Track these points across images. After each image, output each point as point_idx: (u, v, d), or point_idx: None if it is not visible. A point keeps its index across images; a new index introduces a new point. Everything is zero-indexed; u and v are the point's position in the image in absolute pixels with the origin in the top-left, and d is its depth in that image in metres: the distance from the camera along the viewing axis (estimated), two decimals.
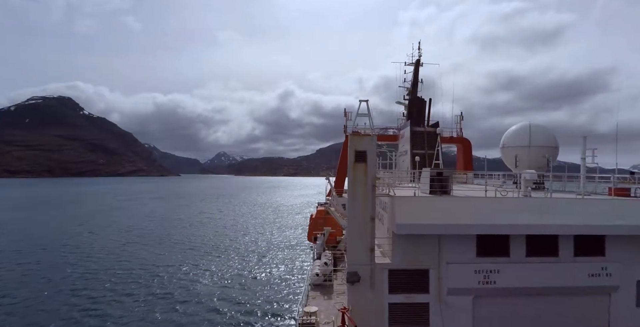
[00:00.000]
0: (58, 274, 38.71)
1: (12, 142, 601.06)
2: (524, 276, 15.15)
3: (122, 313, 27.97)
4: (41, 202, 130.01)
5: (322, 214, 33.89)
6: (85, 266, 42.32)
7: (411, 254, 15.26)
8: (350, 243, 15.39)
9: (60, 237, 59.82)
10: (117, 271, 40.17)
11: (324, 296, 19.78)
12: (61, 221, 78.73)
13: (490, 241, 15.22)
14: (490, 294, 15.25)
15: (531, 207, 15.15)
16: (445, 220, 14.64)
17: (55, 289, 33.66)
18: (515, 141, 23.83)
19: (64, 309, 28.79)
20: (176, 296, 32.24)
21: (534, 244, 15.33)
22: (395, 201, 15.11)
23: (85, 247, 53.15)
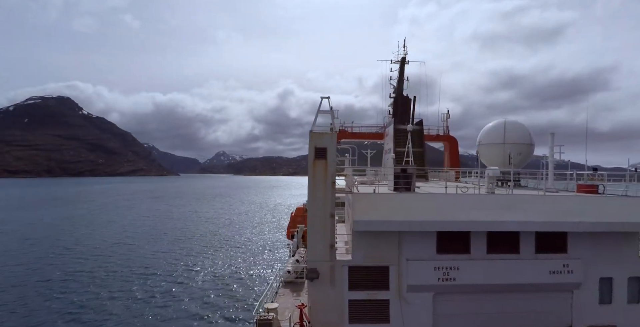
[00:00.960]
0: (46, 274, 38.68)
1: (11, 142, 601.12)
2: (485, 273, 15.07)
3: (93, 313, 27.95)
4: (37, 201, 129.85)
5: (301, 211, 33.86)
6: (71, 265, 42.32)
7: (371, 251, 15.17)
8: (311, 240, 15.32)
9: (49, 237, 59.73)
10: (99, 270, 40.22)
11: (293, 293, 19.70)
12: (53, 221, 78.69)
13: (451, 238, 15.14)
14: (450, 291, 15.17)
15: (492, 204, 15.06)
16: (405, 217, 14.56)
17: (43, 289, 33.60)
18: (490, 138, 23.74)
19: (49, 308, 28.79)
20: (154, 294, 32.37)
21: (495, 241, 15.25)
22: (354, 198, 15.02)
23: (73, 246, 53.08)
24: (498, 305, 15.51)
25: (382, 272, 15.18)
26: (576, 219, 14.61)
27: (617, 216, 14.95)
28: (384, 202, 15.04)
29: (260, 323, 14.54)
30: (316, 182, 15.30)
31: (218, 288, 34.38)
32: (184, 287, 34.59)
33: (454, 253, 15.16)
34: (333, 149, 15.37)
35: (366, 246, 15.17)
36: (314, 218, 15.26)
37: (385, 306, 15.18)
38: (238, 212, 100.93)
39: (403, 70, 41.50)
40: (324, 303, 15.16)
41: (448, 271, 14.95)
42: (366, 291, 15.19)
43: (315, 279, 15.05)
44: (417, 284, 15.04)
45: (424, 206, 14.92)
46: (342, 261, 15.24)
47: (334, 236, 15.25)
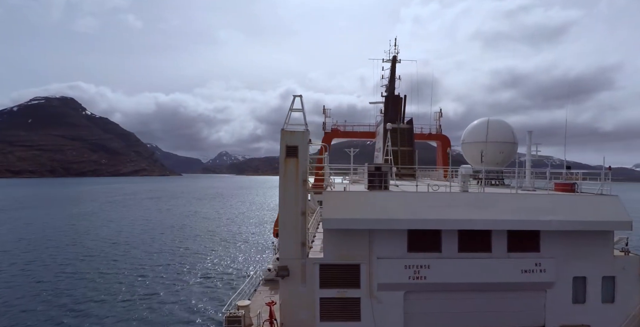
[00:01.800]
0: (37, 274, 38.74)
1: (14, 142, 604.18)
2: (456, 271, 15.01)
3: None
4: (37, 201, 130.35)
5: None
6: (58, 264, 42.38)
7: (342, 249, 15.15)
8: (282, 237, 15.30)
9: (44, 237, 59.85)
10: (83, 269, 40.36)
11: (271, 291, 19.68)
12: (50, 221, 78.76)
13: (422, 236, 15.10)
14: (421, 290, 15.13)
15: (463, 202, 15.03)
16: (376, 215, 14.54)
17: (32, 289, 33.66)
18: (473, 137, 23.67)
19: (44, 308, 28.81)
20: (139, 292, 32.50)
21: (466, 239, 15.19)
22: (325, 196, 15.01)
23: (64, 246, 53.08)
24: (470, 304, 15.45)
25: (353, 270, 15.15)
26: (547, 217, 14.54)
27: (590, 215, 14.87)
28: (355, 200, 15.03)
29: (229, 320, 14.55)
30: (287, 181, 15.29)
31: (202, 287, 34.50)
32: (167, 286, 34.72)
33: (424, 251, 15.11)
34: (305, 147, 15.35)
35: (337, 244, 15.15)
36: (286, 216, 15.24)
37: (357, 304, 15.15)
38: (237, 213, 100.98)
39: (394, 69, 41.47)
40: (296, 301, 15.15)
41: (419, 270, 14.90)
42: (337, 289, 15.17)
43: (286, 276, 15.05)
44: (387, 283, 15.00)
45: (395, 204, 14.90)
46: (314, 259, 15.22)
47: (305, 234, 15.24)
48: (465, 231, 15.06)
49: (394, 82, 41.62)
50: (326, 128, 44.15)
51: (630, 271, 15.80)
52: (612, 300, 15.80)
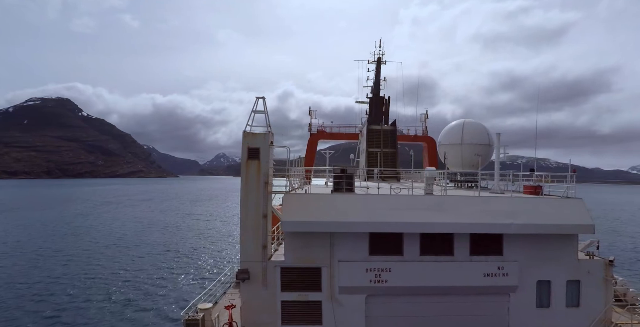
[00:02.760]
0: (19, 277, 38.44)
1: (10, 143, 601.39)
2: (418, 275, 14.85)
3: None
4: (26, 203, 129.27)
5: None
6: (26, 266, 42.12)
7: (304, 252, 14.99)
8: (243, 240, 15.11)
9: (24, 240, 59.19)
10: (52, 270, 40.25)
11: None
12: (31, 224, 77.24)
13: (384, 239, 14.94)
14: (383, 293, 14.97)
15: (425, 205, 14.90)
16: (336, 218, 14.39)
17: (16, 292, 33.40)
18: (449, 139, 23.57)
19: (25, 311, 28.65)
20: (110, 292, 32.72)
21: (428, 242, 15.03)
22: (285, 199, 14.85)
23: (42, 250, 52.37)
24: (433, 308, 15.28)
25: (315, 273, 14.99)
26: (508, 220, 14.40)
27: (552, 218, 14.75)
28: (316, 203, 14.87)
29: (188, 323, 14.35)
30: (249, 183, 15.13)
31: (175, 289, 34.49)
32: (138, 287, 34.84)
33: (386, 255, 14.96)
34: (266, 149, 15.19)
35: (298, 247, 14.99)
36: (247, 218, 15.06)
37: (318, 308, 14.99)
38: (230, 215, 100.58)
39: (379, 70, 41.45)
40: (257, 304, 14.97)
41: (380, 273, 14.74)
42: (298, 292, 15.00)
43: (246, 279, 14.87)
44: (348, 286, 14.84)
45: (357, 206, 14.75)
46: (275, 262, 15.05)
47: (266, 237, 15.06)
48: (427, 234, 14.91)
49: (379, 83, 41.64)
50: (312, 130, 44.12)
51: (596, 275, 15.63)
52: (577, 304, 15.61)
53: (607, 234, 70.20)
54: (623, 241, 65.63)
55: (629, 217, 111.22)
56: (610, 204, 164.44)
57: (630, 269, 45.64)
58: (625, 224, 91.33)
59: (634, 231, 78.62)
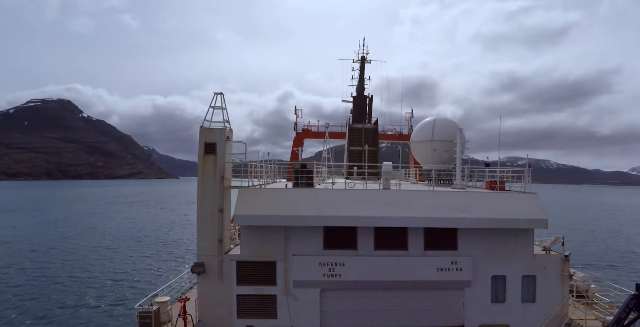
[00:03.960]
0: None
1: (10, 144, 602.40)
2: (371, 269, 14.91)
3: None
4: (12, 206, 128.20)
5: None
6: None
7: (259, 246, 15.09)
8: (199, 234, 15.20)
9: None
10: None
11: None
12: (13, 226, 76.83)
13: (338, 234, 15.05)
14: (337, 288, 15.04)
15: (379, 200, 14.98)
16: (290, 211, 14.48)
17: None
18: (420, 136, 23.67)
19: None
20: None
21: (382, 237, 15.12)
22: (239, 193, 14.96)
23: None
24: (388, 302, 15.32)
25: (270, 267, 15.08)
26: (461, 215, 14.47)
27: (505, 212, 14.81)
28: (270, 197, 14.98)
29: (141, 315, 14.39)
30: (205, 177, 15.24)
31: (144, 285, 34.61)
32: (102, 283, 35.38)
33: (340, 249, 15.04)
34: (223, 144, 15.30)
35: (254, 241, 15.09)
36: (203, 213, 15.16)
37: (273, 301, 15.07)
38: None
39: (363, 69, 41.57)
40: (213, 297, 15.07)
41: (333, 267, 14.82)
42: (254, 286, 15.09)
43: (202, 273, 14.96)
44: (302, 280, 14.92)
45: (311, 201, 14.85)
46: (231, 256, 15.15)
47: (222, 231, 15.16)
48: (381, 229, 14.99)
49: (363, 82, 41.74)
50: (297, 129, 44.23)
51: (552, 270, 15.63)
52: (532, 299, 15.59)
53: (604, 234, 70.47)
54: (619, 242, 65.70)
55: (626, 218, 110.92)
56: (610, 206, 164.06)
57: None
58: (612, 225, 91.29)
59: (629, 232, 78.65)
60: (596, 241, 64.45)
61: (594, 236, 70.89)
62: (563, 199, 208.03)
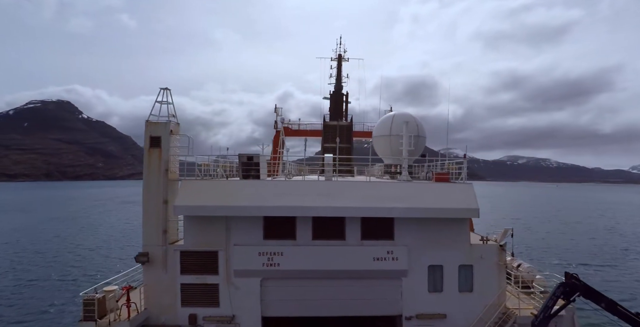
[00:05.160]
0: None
1: (10, 146, 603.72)
2: (310, 258, 15.31)
3: None
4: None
5: None
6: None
7: (202, 236, 15.54)
8: (145, 225, 15.65)
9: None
10: None
11: None
12: None
13: (278, 224, 15.47)
14: (276, 277, 15.45)
15: (318, 190, 15.38)
16: (230, 202, 14.90)
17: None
18: (380, 131, 24.08)
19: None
20: None
21: (320, 227, 15.51)
22: (182, 184, 15.39)
23: None
24: (327, 291, 15.66)
25: (212, 257, 15.52)
26: (394, 204, 14.81)
27: (439, 202, 15.16)
28: (212, 188, 15.42)
29: (86, 302, 14.75)
30: (150, 170, 15.72)
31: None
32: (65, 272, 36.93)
33: (279, 239, 15.45)
34: (167, 138, 15.76)
35: (197, 231, 15.53)
36: (148, 204, 15.62)
37: (215, 290, 15.51)
38: None
39: (340, 67, 42.01)
40: (158, 286, 15.53)
41: (272, 257, 15.22)
42: (197, 275, 15.52)
43: (146, 262, 15.41)
44: (243, 269, 15.35)
45: (251, 192, 15.27)
46: (174, 246, 15.59)
47: (167, 222, 15.59)
48: (319, 219, 15.39)
49: (341, 79, 42.17)
50: (277, 127, 44.70)
51: (489, 260, 15.87)
52: (470, 289, 15.81)
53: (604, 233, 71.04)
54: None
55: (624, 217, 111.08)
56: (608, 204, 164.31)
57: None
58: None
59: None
60: (581, 239, 64.95)
61: (589, 234, 71.24)
62: (562, 198, 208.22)
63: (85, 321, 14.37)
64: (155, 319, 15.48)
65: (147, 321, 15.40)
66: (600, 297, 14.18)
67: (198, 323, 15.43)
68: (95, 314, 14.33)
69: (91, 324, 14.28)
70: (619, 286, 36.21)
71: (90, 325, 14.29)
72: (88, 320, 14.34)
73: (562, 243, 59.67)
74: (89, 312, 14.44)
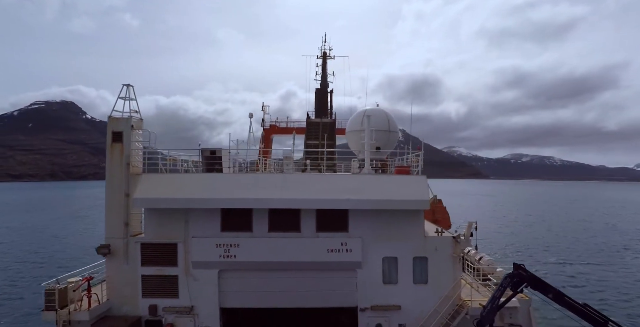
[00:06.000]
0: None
1: (15, 146, 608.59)
2: (265, 250, 15.59)
3: None
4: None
5: None
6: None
7: (162, 229, 15.91)
8: (107, 218, 16.03)
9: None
10: None
11: None
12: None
13: (235, 216, 15.80)
14: (234, 268, 15.77)
15: (274, 183, 15.69)
16: (187, 194, 15.26)
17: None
18: (352, 126, 24.37)
19: None
20: None
21: (276, 219, 15.80)
22: (141, 178, 15.77)
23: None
24: (283, 283, 15.92)
25: (171, 249, 15.87)
26: (346, 196, 15.06)
27: (392, 194, 15.38)
28: (171, 181, 15.79)
29: (48, 293, 15.12)
30: (113, 164, 16.08)
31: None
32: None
33: (236, 231, 15.77)
34: (129, 133, 16.12)
35: (157, 223, 15.90)
36: (111, 197, 16.00)
37: (175, 282, 15.86)
38: None
39: (325, 64, 42.33)
40: (120, 278, 15.91)
41: (229, 248, 15.54)
42: (157, 266, 15.88)
43: (107, 254, 15.81)
44: (201, 261, 15.68)
45: (209, 184, 15.62)
46: (135, 238, 15.96)
47: (128, 214, 15.96)
48: (275, 212, 15.69)
49: (326, 77, 42.48)
50: (265, 125, 45.06)
51: (443, 252, 15.90)
52: (424, 281, 15.84)
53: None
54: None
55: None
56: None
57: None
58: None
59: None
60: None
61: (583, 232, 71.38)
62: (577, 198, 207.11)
63: (47, 310, 14.77)
64: (117, 309, 15.87)
65: (109, 312, 15.79)
66: (547, 288, 14.36)
67: (158, 314, 15.80)
68: (56, 304, 14.72)
69: (52, 313, 14.68)
70: (618, 286, 36.35)
71: (51, 315, 14.69)
72: (50, 310, 14.74)
73: (564, 244, 59.71)
74: (50, 302, 14.84)
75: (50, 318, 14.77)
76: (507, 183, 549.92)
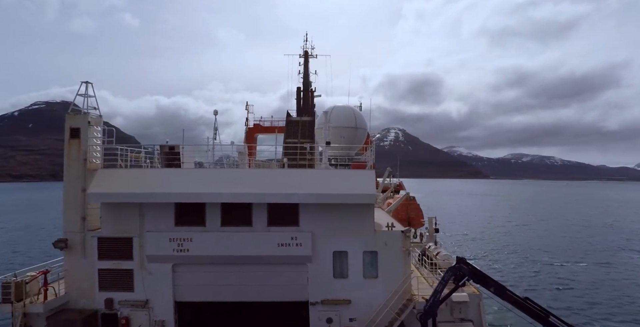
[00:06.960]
0: None
1: (15, 147, 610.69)
2: (218, 245, 15.86)
3: None
4: None
5: None
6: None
7: (118, 223, 16.23)
8: (65, 213, 16.36)
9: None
10: None
11: None
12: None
13: (188, 211, 16.11)
14: (187, 262, 16.06)
15: (227, 178, 16.01)
16: (142, 189, 15.58)
17: None
18: (319, 123, 24.77)
19: None
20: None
21: (229, 213, 16.10)
22: (97, 173, 16.10)
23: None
24: (236, 277, 16.17)
25: (127, 243, 16.20)
26: (294, 190, 15.31)
27: (339, 188, 15.63)
28: (127, 176, 16.14)
29: (4, 286, 15.45)
30: (70, 160, 16.42)
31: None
32: None
33: (189, 225, 16.08)
34: (86, 129, 16.47)
35: (113, 218, 16.23)
36: (68, 192, 16.33)
37: (130, 275, 16.19)
38: None
39: (307, 63, 42.60)
40: (77, 272, 16.25)
41: (182, 242, 15.83)
42: (113, 260, 16.21)
43: (64, 248, 16.15)
44: (155, 255, 16.00)
45: (163, 179, 15.97)
46: (92, 233, 16.30)
47: (85, 209, 16.30)
48: (228, 206, 15.99)
49: (308, 76, 42.76)
50: (249, 124, 45.41)
51: (393, 246, 16.07)
52: (374, 275, 16.03)
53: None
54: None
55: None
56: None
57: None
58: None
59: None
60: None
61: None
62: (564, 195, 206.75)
63: (3, 303, 15.12)
64: (74, 303, 16.21)
65: (66, 305, 16.13)
66: (489, 282, 14.62)
67: (114, 307, 16.13)
68: (12, 296, 15.06)
69: (8, 306, 15.03)
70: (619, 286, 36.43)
71: (7, 307, 15.05)
72: (6, 302, 15.09)
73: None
74: (6, 295, 15.18)
75: (7, 310, 15.13)
76: (506, 183, 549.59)
